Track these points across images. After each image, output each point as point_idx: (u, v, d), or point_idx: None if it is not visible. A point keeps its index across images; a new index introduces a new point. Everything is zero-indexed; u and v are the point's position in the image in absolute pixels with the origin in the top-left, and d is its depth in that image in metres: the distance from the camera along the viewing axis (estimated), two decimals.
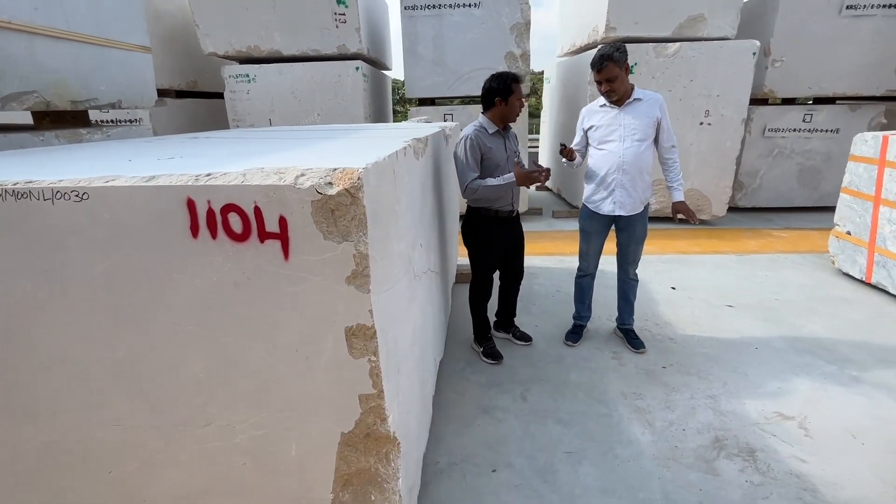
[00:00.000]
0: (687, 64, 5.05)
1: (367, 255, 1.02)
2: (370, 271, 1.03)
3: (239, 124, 5.52)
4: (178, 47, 5.60)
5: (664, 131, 2.53)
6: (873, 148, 3.56)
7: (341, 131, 2.56)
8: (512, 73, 2.36)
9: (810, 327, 3.09)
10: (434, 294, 2.30)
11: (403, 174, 1.47)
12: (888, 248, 3.46)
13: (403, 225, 1.46)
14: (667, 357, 2.78)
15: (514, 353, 2.85)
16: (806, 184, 6.02)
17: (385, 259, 1.18)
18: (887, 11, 5.23)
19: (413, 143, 1.81)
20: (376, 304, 1.10)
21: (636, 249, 2.73)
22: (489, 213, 2.44)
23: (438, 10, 5.16)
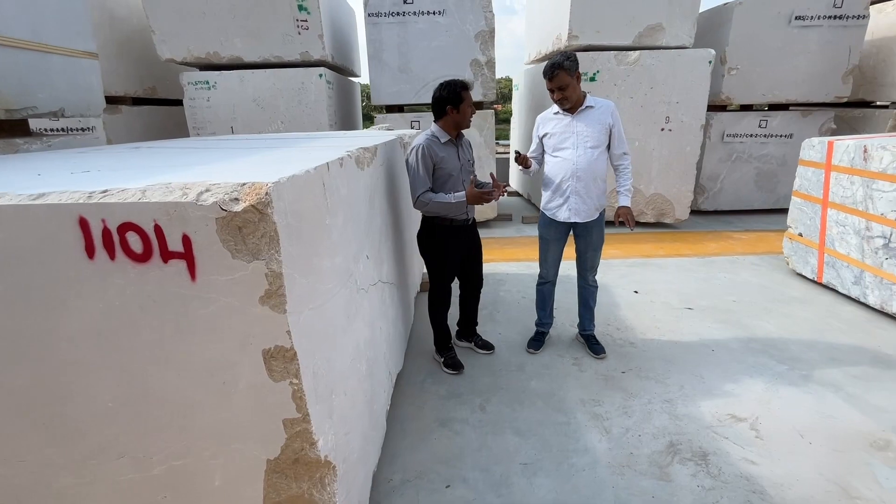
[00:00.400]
0: (647, 72, 5.17)
1: (280, 273, 0.97)
2: (286, 290, 0.98)
3: (200, 132, 5.37)
4: (134, 53, 5.42)
5: (616, 138, 2.56)
6: (820, 153, 3.70)
7: (292, 140, 2.49)
8: (461, 80, 2.35)
9: (765, 327, 3.17)
10: (388, 306, 2.25)
11: (339, 186, 1.42)
12: (836, 249, 3.59)
13: (340, 238, 1.42)
14: (626, 362, 2.80)
15: (475, 363, 2.82)
16: (763, 187, 6.23)
17: (310, 275, 1.13)
18: (832, 22, 5.48)
19: (358, 152, 1.77)
20: (297, 324, 1.05)
21: (594, 256, 2.75)
22: (444, 222, 2.42)
23: (403, 17, 5.14)
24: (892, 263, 3.13)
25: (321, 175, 1.25)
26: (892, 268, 3.13)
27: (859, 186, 3.36)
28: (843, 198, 3.50)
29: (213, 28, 4.94)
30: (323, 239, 1.25)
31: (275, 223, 0.93)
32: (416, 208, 2.33)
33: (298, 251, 1.06)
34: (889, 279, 3.16)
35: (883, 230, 3.19)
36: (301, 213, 1.09)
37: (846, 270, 3.51)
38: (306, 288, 1.11)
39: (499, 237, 5.54)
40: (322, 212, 1.25)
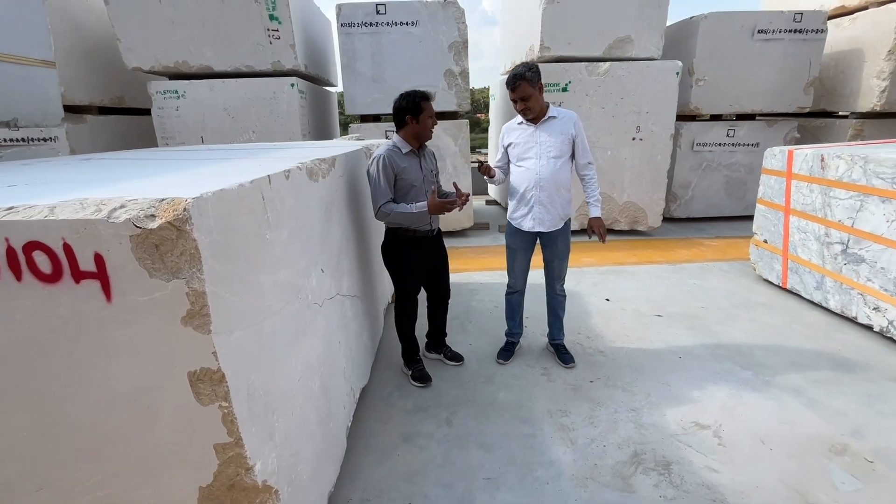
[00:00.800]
0: (617, 82, 5.27)
1: (204, 292, 0.92)
2: (210, 310, 0.94)
3: (168, 142, 5.26)
4: (100, 61, 5.29)
5: (579, 148, 2.57)
6: (781, 162, 3.81)
7: (251, 151, 2.44)
8: (422, 91, 2.34)
9: (731, 333, 3.21)
10: (350, 320, 2.21)
11: (284, 198, 1.39)
12: (799, 254, 3.67)
13: (285, 252, 1.38)
14: (595, 371, 2.79)
15: (444, 375, 2.79)
16: (733, 194, 6.38)
17: (243, 293, 1.09)
18: (793, 36, 5.69)
19: (311, 164, 1.74)
20: (225, 344, 1.00)
21: (560, 265, 2.75)
22: (407, 233, 2.39)
23: (376, 27, 5.15)
24: (850, 269, 3.22)
25: (260, 188, 1.21)
26: (851, 273, 3.22)
27: (818, 194, 3.45)
28: (804, 205, 3.59)
29: (182, 37, 4.86)
30: (262, 254, 1.21)
31: (195, 240, 0.89)
32: (378, 219, 2.30)
33: (228, 268, 1.02)
34: (848, 284, 3.24)
35: (841, 236, 3.28)
36: (232, 228, 1.05)
37: (808, 276, 3.59)
38: (238, 306, 1.06)
39: (475, 246, 5.53)
40: (261, 226, 1.21)
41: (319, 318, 1.70)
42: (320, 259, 1.75)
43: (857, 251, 3.16)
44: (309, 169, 1.69)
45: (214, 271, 0.96)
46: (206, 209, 0.94)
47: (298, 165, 1.57)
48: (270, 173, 1.31)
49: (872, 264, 3.06)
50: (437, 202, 2.26)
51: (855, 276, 3.19)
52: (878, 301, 3.03)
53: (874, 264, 3.04)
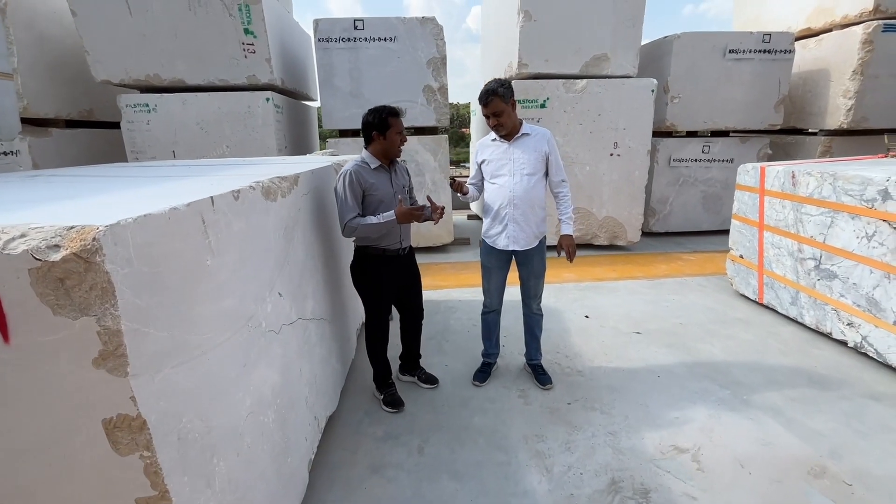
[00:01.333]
0: (594, 99, 5.32)
1: (118, 330, 0.82)
2: (127, 350, 0.84)
3: (139, 157, 5.11)
4: (67, 74, 5.14)
5: (553, 166, 2.54)
6: (754, 178, 3.85)
7: (211, 168, 2.34)
8: (390, 106, 2.28)
9: (709, 351, 3.18)
10: (315, 345, 2.10)
11: (233, 221, 1.30)
12: (774, 270, 3.69)
13: (232, 278, 1.28)
14: (573, 392, 2.72)
15: (418, 399, 2.68)
16: (710, 209, 6.47)
17: (174, 327, 0.99)
18: (763, 56, 5.85)
19: (268, 182, 1.65)
20: (147, 386, 0.90)
21: (536, 283, 2.69)
22: (376, 251, 2.30)
23: (354, 42, 5.12)
24: (823, 284, 3.24)
25: (199, 211, 1.12)
26: (824, 288, 3.23)
27: (790, 210, 3.49)
28: (777, 221, 3.63)
29: (154, 50, 4.75)
30: (201, 282, 1.11)
31: (107, 273, 0.80)
32: (345, 235, 2.21)
33: (153, 301, 0.92)
34: (822, 299, 3.25)
35: (813, 252, 3.30)
36: (160, 256, 0.95)
37: (784, 291, 3.61)
38: (167, 343, 0.96)
39: (455, 262, 5.46)
40: (200, 252, 1.12)
41: (275, 346, 1.60)
42: (278, 283, 1.65)
43: (830, 267, 3.18)
44: (265, 188, 1.60)
45: (134, 306, 0.86)
46: (123, 237, 0.84)
47: (252, 185, 1.48)
48: (216, 194, 1.22)
49: (845, 280, 3.08)
50: (405, 210, 2.18)
51: (828, 292, 3.21)
52: (851, 317, 3.05)
53: (846, 280, 3.06)
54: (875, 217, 2.85)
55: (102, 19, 4.59)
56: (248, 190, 1.43)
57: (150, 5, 4.57)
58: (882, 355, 2.86)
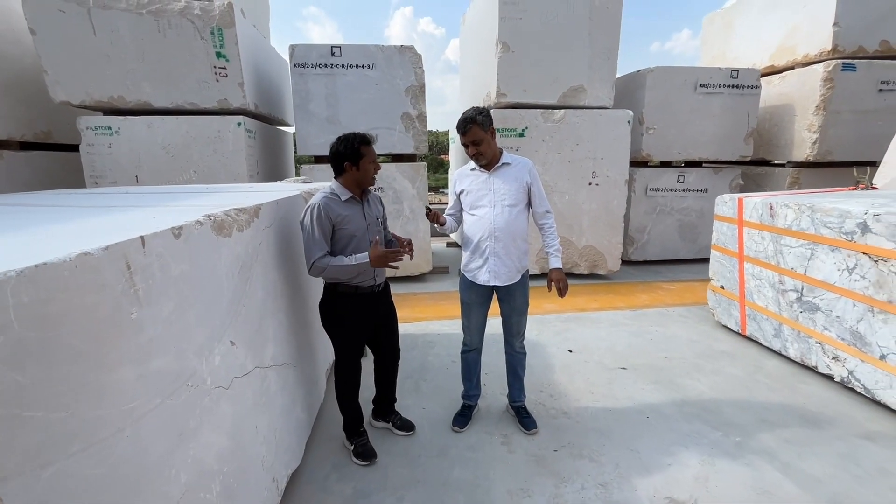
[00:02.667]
0: (572, 129, 5.35)
1: None
2: None
3: (98, 182, 4.81)
4: (24, 94, 4.87)
5: (536, 196, 2.43)
6: (732, 209, 3.86)
7: (162, 197, 2.14)
8: (362, 134, 2.14)
9: (696, 388, 3.07)
10: (275, 395, 1.87)
11: (171, 262, 1.11)
12: (755, 301, 3.65)
13: (165, 333, 1.08)
14: (559, 437, 2.54)
15: (391, 448, 2.45)
16: (686, 237, 6.53)
17: (73, 407, 0.79)
18: (731, 91, 6.05)
19: (223, 216, 1.47)
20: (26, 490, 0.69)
21: (519, 321, 2.54)
22: (347, 289, 2.11)
23: (331, 69, 5.04)
24: (806, 317, 3.20)
25: (124, 254, 0.93)
26: (807, 321, 3.19)
27: (769, 241, 3.48)
28: (757, 252, 3.61)
29: (118, 71, 4.54)
30: (121, 342, 0.91)
31: None
32: (312, 275, 2.02)
33: (45, 374, 0.72)
34: (805, 332, 3.21)
35: (795, 284, 3.27)
36: (60, 315, 0.76)
37: (766, 323, 3.56)
38: (62, 426, 0.76)
39: (433, 292, 5.28)
40: (122, 304, 0.92)
41: (224, 404, 1.38)
42: (230, 330, 1.44)
43: (812, 299, 3.14)
44: (218, 222, 1.42)
45: (11, 385, 0.66)
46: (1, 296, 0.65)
47: (200, 219, 1.30)
48: (150, 232, 1.03)
49: (828, 313, 3.04)
50: (381, 252, 2.02)
51: (812, 325, 3.16)
52: (836, 350, 2.99)
53: (829, 313, 3.03)
54: (855, 250, 2.83)
55: (64, 39, 4.37)
56: (193, 226, 1.24)
57: (116, 26, 4.39)
58: (870, 391, 2.79)
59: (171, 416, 1.09)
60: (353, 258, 2.00)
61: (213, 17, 4.46)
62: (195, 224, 1.26)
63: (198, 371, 1.23)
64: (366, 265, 2.01)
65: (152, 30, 4.43)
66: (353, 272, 2.02)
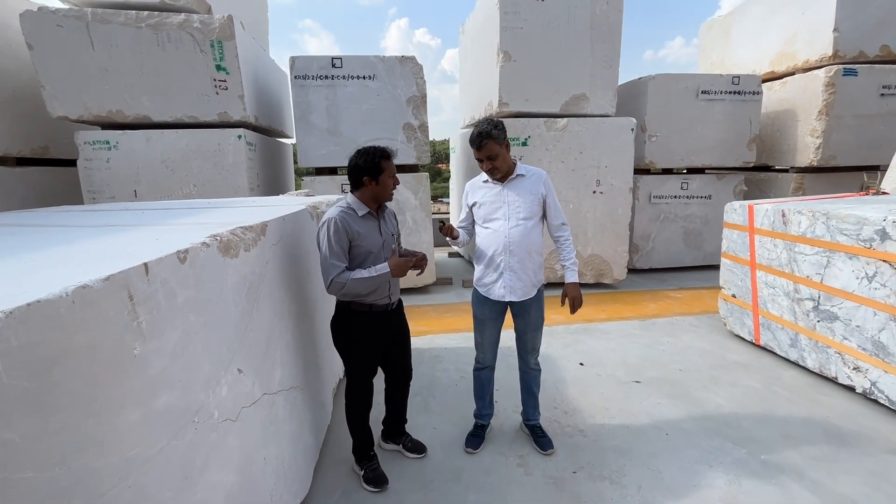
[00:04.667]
0: (575, 137, 5.31)
1: None
2: None
3: (96, 197, 4.73)
4: (22, 110, 4.80)
5: (551, 209, 2.36)
6: (742, 216, 3.80)
7: (163, 214, 2.06)
8: (382, 147, 2.07)
9: (714, 401, 2.97)
10: (284, 421, 1.78)
11: (178, 289, 1.02)
12: (770, 310, 3.58)
13: (171, 367, 0.99)
14: (577, 457, 2.44)
15: (403, 472, 2.34)
16: (691, 245, 6.47)
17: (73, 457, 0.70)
18: (733, 97, 6.04)
19: (229, 235, 1.39)
20: None
21: (534, 337, 2.45)
22: (361, 307, 2.03)
23: (331, 80, 5.00)
24: (824, 326, 3.12)
25: (125, 284, 0.85)
26: (825, 330, 3.11)
27: (783, 249, 3.41)
28: (769, 260, 3.54)
29: (117, 85, 4.49)
30: (124, 381, 0.83)
31: None
32: (331, 293, 1.93)
33: (37, 427, 0.64)
34: (824, 342, 3.12)
35: (811, 292, 3.20)
36: (54, 359, 0.68)
37: (782, 333, 3.48)
38: (55, 484, 0.67)
39: (438, 304, 5.19)
40: (124, 339, 0.84)
41: (231, 438, 1.28)
42: (237, 357, 1.36)
43: (830, 308, 3.07)
44: (224, 242, 1.34)
45: None
46: None
47: (206, 240, 1.22)
48: (153, 258, 0.95)
49: (847, 322, 2.96)
50: (401, 261, 1.94)
51: (830, 334, 3.08)
52: (857, 361, 2.91)
53: (849, 322, 2.95)
54: (875, 257, 2.77)
55: (61, 53, 4.32)
56: (199, 248, 1.16)
57: (115, 40, 4.34)
58: (895, 403, 2.71)
59: (176, 458, 1.00)
60: (374, 269, 1.92)
61: (213, 30, 4.42)
62: (201, 246, 1.18)
63: (205, 405, 1.14)
64: (386, 276, 1.93)
65: (151, 43, 4.39)
66: (373, 286, 1.94)
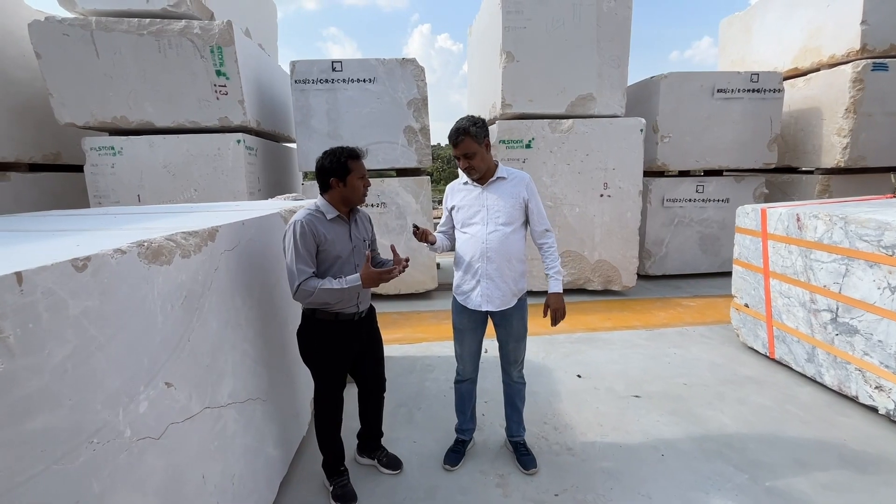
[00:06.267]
0: (581, 139, 5.13)
1: None
2: None
3: (102, 201, 4.82)
4: (33, 117, 4.94)
5: (534, 214, 2.22)
6: (754, 221, 3.56)
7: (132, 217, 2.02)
8: (350, 148, 1.97)
9: (719, 420, 2.76)
10: (235, 435, 1.69)
11: (66, 301, 0.95)
12: (784, 322, 3.33)
13: (57, 384, 0.92)
14: (562, 478, 2.28)
15: (375, 489, 2.23)
16: (708, 250, 6.17)
17: None
18: (752, 95, 5.74)
19: (166, 240, 1.32)
20: None
21: (516, 348, 2.31)
22: (327, 316, 1.93)
23: (332, 84, 4.97)
24: (843, 340, 2.87)
25: None
26: (844, 345, 2.86)
27: (798, 256, 3.17)
28: (784, 267, 3.30)
29: (120, 92, 4.57)
30: None
31: None
32: (297, 300, 1.84)
33: None
34: (843, 357, 2.87)
35: (828, 303, 2.95)
36: None
37: (798, 346, 3.23)
38: None
39: (438, 311, 5.07)
40: None
41: (151, 457, 1.20)
42: (164, 369, 1.28)
43: (849, 321, 2.82)
44: (154, 249, 1.26)
45: None
46: None
47: (123, 247, 1.14)
48: (31, 267, 0.87)
49: (868, 336, 2.71)
50: (373, 272, 1.83)
51: (850, 349, 2.83)
52: (879, 379, 2.66)
53: (870, 336, 2.70)
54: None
55: (68, 61, 4.42)
56: (109, 255, 1.08)
57: (118, 47, 4.42)
58: None
59: (60, 484, 0.91)
60: (344, 280, 1.82)
61: (212, 36, 4.45)
62: (113, 252, 1.10)
63: (109, 423, 1.06)
64: (357, 288, 1.83)
65: (153, 50, 4.45)
66: (343, 296, 1.85)
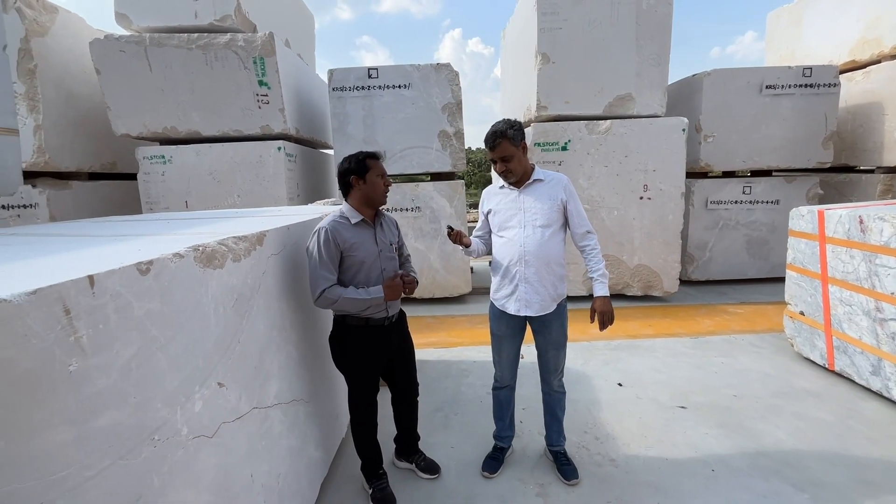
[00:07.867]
0: (620, 140, 5.00)
1: None
2: None
3: (153, 208, 5.09)
4: (93, 129, 5.27)
5: (574, 215, 2.17)
6: (811, 223, 3.35)
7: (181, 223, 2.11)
8: (369, 151, 2.01)
9: (774, 434, 2.60)
10: (280, 436, 1.73)
11: (131, 303, 0.99)
12: (846, 331, 3.11)
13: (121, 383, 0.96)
14: (605, 490, 2.21)
15: (413, 494, 2.23)
16: (755, 254, 5.86)
17: None
18: (804, 91, 5.43)
19: (215, 245, 1.36)
20: None
21: (556, 356, 2.26)
22: (357, 321, 1.95)
23: (368, 91, 5.06)
24: None
25: (60, 298, 0.82)
26: None
27: (861, 261, 2.95)
28: (845, 273, 3.08)
29: (171, 103, 4.82)
30: (48, 401, 0.79)
31: None
32: (319, 307, 1.87)
33: None
34: None
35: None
36: None
37: (861, 357, 3.00)
38: None
39: (472, 315, 5.05)
40: (53, 355, 0.81)
41: (206, 455, 1.24)
42: (218, 370, 1.32)
43: None
44: (207, 253, 1.31)
45: None
46: None
47: (181, 251, 1.19)
48: (102, 271, 0.92)
49: None
50: (395, 284, 1.85)
51: None
52: None
53: None
54: None
55: (125, 76, 4.71)
56: (169, 259, 1.13)
57: (170, 61, 4.67)
58: None
59: (125, 478, 0.96)
60: (367, 291, 1.84)
61: (255, 48, 4.63)
62: (172, 256, 1.15)
63: (169, 421, 1.10)
64: (379, 299, 1.85)
65: (201, 63, 4.67)
66: (364, 306, 1.87)
